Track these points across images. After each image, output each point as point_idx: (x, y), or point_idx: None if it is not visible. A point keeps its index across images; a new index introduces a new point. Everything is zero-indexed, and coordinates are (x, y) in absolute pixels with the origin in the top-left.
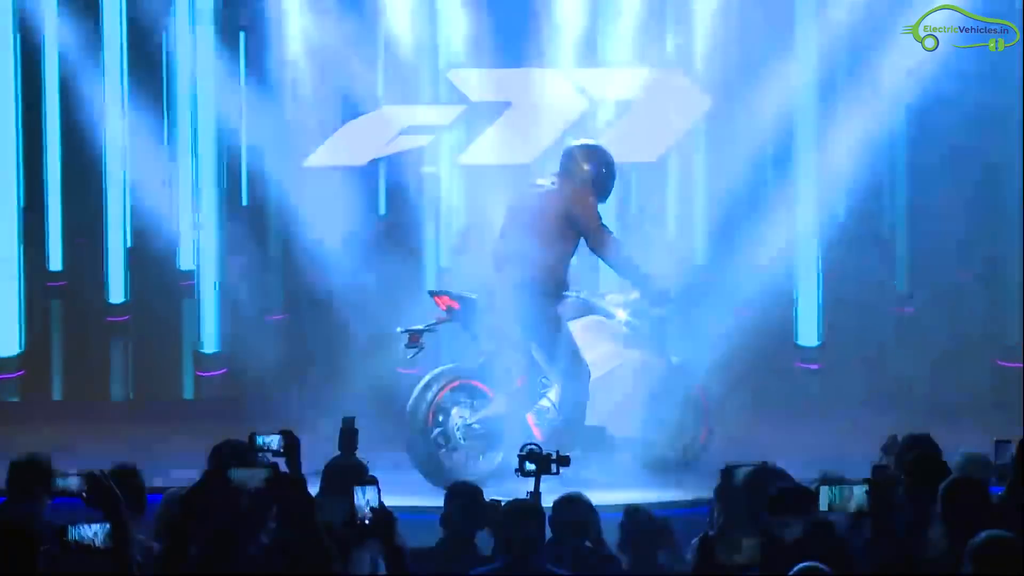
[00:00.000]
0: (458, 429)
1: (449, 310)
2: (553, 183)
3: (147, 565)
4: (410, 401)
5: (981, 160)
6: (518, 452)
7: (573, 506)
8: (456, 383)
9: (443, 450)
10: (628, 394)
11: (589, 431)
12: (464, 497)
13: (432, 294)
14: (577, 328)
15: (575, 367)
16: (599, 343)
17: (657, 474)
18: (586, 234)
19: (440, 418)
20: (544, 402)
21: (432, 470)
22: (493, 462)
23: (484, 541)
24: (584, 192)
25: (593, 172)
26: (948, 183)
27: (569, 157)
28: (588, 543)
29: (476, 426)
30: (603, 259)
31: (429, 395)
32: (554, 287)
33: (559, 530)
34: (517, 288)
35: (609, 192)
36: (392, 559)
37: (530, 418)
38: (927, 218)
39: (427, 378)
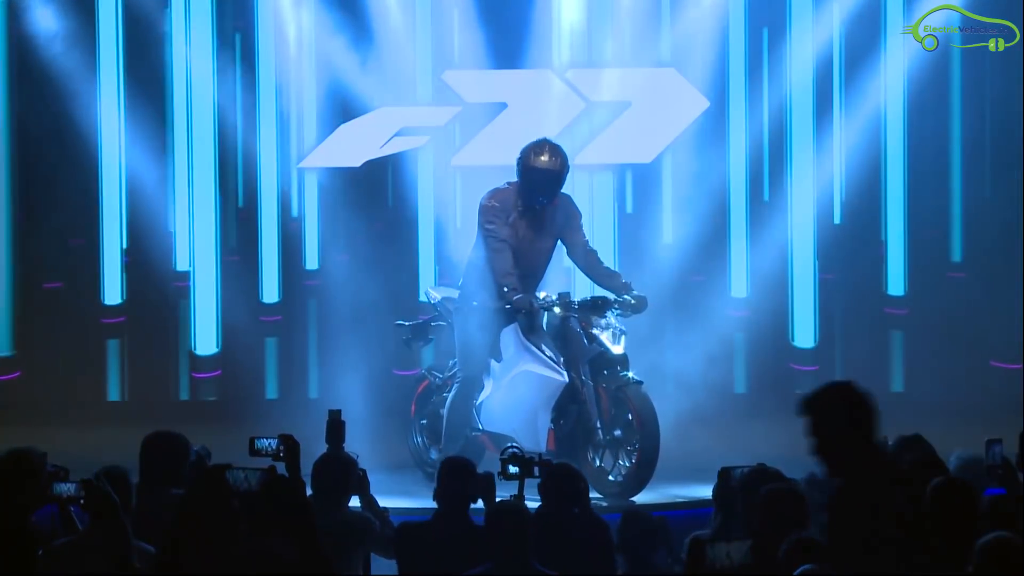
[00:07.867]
0: (423, 422)
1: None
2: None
3: (143, 566)
4: None
5: (977, 160)
6: (500, 455)
7: (561, 473)
8: (433, 379)
9: (427, 446)
10: (527, 407)
11: (503, 440)
12: (455, 470)
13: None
14: (502, 334)
15: (462, 371)
16: (508, 352)
17: (657, 477)
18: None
19: (424, 411)
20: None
21: (416, 462)
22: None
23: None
24: (492, 192)
25: (516, 171)
26: (944, 184)
27: None
28: (576, 510)
29: (424, 421)
30: None
31: (415, 390)
32: (486, 289)
33: (549, 496)
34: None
35: (528, 193)
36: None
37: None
38: (923, 219)
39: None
